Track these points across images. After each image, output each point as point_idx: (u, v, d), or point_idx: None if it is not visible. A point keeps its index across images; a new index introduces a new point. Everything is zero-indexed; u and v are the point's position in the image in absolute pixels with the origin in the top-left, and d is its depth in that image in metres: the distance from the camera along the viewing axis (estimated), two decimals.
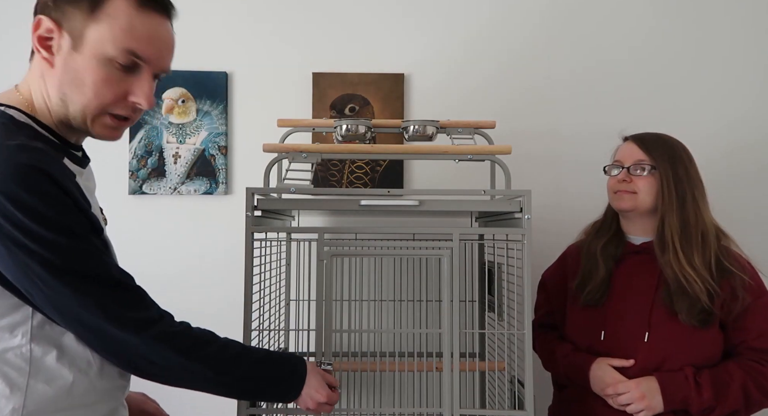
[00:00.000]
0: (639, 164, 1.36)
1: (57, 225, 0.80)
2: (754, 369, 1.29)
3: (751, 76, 1.90)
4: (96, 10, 0.83)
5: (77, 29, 0.83)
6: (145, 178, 1.86)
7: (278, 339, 1.62)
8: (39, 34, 0.84)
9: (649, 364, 1.31)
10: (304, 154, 1.30)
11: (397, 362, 1.37)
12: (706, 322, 1.28)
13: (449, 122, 1.52)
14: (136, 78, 0.88)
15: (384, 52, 1.90)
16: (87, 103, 0.86)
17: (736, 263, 1.32)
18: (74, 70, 0.84)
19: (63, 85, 0.85)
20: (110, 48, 0.84)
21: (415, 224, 1.83)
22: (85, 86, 0.85)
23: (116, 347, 0.87)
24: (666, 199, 1.33)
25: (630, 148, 1.39)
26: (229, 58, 1.89)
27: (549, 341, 1.49)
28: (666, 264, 1.31)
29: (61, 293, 0.81)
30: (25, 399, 0.84)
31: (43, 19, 0.83)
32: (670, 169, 1.34)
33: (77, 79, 0.84)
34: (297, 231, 1.73)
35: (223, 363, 0.95)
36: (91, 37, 0.83)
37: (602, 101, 1.90)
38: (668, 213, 1.32)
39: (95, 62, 0.84)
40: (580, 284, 1.42)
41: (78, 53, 0.84)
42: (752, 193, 1.89)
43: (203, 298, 1.86)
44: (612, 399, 1.31)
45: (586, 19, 1.91)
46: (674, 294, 1.30)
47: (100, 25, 0.83)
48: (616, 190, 1.38)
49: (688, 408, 1.27)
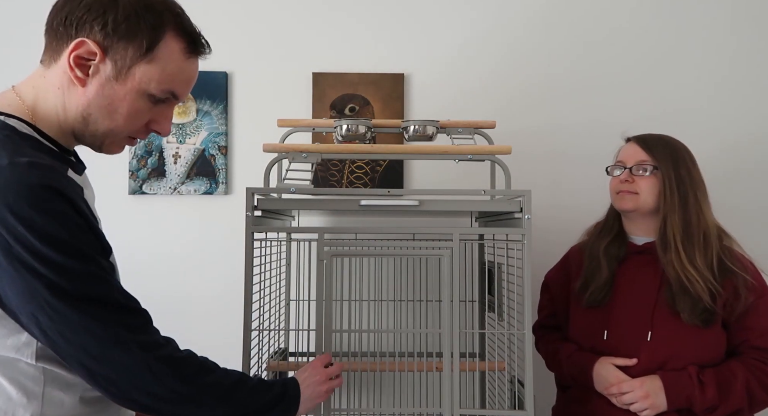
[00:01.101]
0: (641, 165, 1.36)
1: (68, 248, 0.79)
2: (758, 367, 1.29)
3: (752, 73, 1.90)
4: (149, 52, 0.86)
5: (124, 62, 0.86)
6: (145, 178, 1.86)
7: (278, 339, 1.62)
8: (77, 54, 0.85)
9: (652, 363, 1.31)
10: (304, 154, 1.30)
11: (397, 362, 1.37)
12: (709, 322, 1.29)
13: (449, 122, 1.52)
14: (162, 109, 0.93)
15: (384, 52, 1.90)
16: (115, 127, 0.89)
17: (738, 263, 1.32)
18: (110, 97, 0.87)
19: (92, 106, 0.87)
20: (154, 87, 0.88)
21: (415, 224, 1.83)
22: (118, 114, 0.88)
23: (118, 375, 0.84)
24: (668, 199, 1.33)
25: (632, 149, 1.40)
26: (229, 58, 1.89)
27: (552, 342, 1.49)
28: (668, 263, 1.32)
29: (68, 317, 0.80)
30: (42, 406, 0.84)
31: (88, 42, 0.84)
32: (672, 170, 1.34)
33: (112, 105, 0.87)
34: (297, 231, 1.73)
35: (224, 390, 0.94)
36: (139, 74, 0.87)
37: (602, 101, 1.90)
38: (670, 214, 1.33)
39: (135, 95, 0.88)
40: (583, 285, 1.42)
41: (119, 84, 0.86)
42: (752, 193, 1.89)
43: (203, 298, 1.86)
44: (616, 398, 1.32)
45: (586, 18, 1.91)
46: (676, 293, 1.30)
47: (151, 66, 0.87)
48: (618, 190, 1.39)
49: (692, 407, 1.27)
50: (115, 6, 0.84)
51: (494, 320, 1.49)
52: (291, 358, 1.68)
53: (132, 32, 0.85)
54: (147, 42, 0.86)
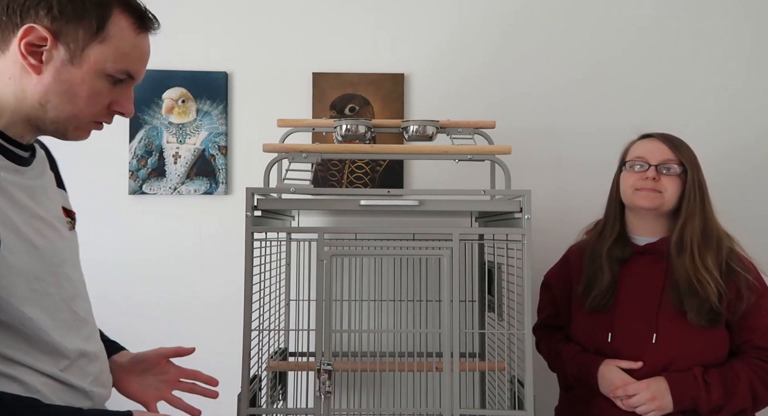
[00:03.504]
0: (668, 163, 1.34)
1: None
2: (761, 367, 1.30)
3: (752, 75, 1.90)
4: (100, 31, 0.86)
5: (77, 45, 0.85)
6: (145, 178, 1.86)
7: (278, 339, 1.62)
8: (28, 41, 0.83)
9: (657, 365, 1.31)
10: (304, 154, 1.30)
11: (397, 362, 1.37)
12: (714, 322, 1.29)
13: (449, 122, 1.52)
14: (122, 89, 0.92)
15: (384, 52, 1.90)
16: (78, 112, 0.88)
17: (741, 264, 1.33)
18: (68, 81, 0.86)
19: (50, 93, 0.86)
20: (110, 66, 0.88)
21: (415, 224, 1.83)
22: (78, 98, 0.87)
23: None
24: (691, 202, 1.33)
25: (657, 146, 1.37)
26: (229, 58, 1.89)
27: (555, 342, 1.49)
28: (680, 265, 1.31)
29: None
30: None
31: (37, 27, 0.83)
32: (695, 173, 1.34)
33: (71, 90, 0.87)
34: (297, 231, 1.73)
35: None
36: (93, 55, 0.86)
37: (603, 101, 1.90)
38: (692, 217, 1.32)
39: (93, 76, 0.87)
40: (585, 289, 1.41)
41: (75, 67, 0.86)
42: (752, 194, 1.89)
43: (203, 298, 1.86)
44: (621, 401, 1.31)
45: (587, 18, 1.91)
46: (684, 294, 1.30)
47: (104, 46, 0.87)
48: (639, 187, 1.35)
49: (698, 407, 1.28)
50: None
51: (494, 320, 1.49)
52: (291, 358, 1.68)
53: (79, 13, 0.84)
54: (96, 21, 0.85)
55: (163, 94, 1.86)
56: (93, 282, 1.16)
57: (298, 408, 1.66)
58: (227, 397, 1.27)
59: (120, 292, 1.83)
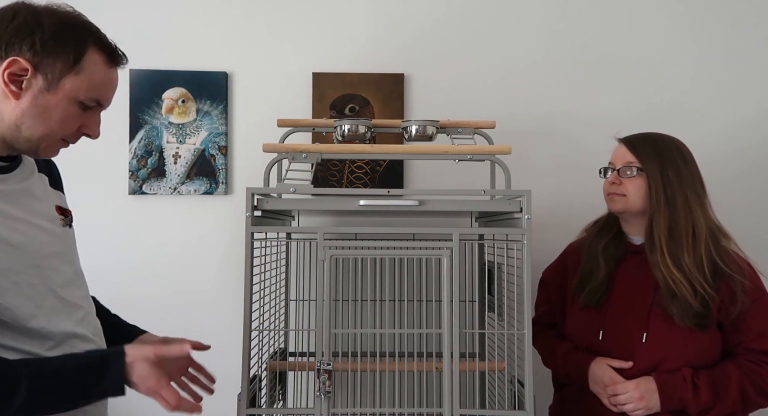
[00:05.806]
0: (628, 166, 1.36)
1: None
2: (752, 370, 1.29)
3: (754, 74, 1.90)
4: (76, 64, 0.97)
5: (54, 75, 0.96)
6: (145, 178, 1.86)
7: (278, 339, 1.62)
8: (11, 72, 0.94)
9: (647, 365, 1.31)
10: (304, 154, 1.30)
11: (397, 362, 1.37)
12: (702, 325, 1.28)
13: (449, 122, 1.52)
14: (90, 115, 1.02)
15: (384, 52, 1.90)
16: (50, 132, 0.98)
17: (734, 265, 1.31)
18: (43, 106, 0.96)
19: (26, 116, 0.96)
20: (82, 95, 0.98)
21: (415, 224, 1.83)
22: (52, 120, 0.97)
23: None
24: (653, 200, 1.32)
25: (620, 150, 1.40)
26: (229, 58, 1.89)
27: (549, 339, 1.49)
28: (655, 265, 1.31)
29: None
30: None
31: (20, 60, 0.93)
32: (657, 170, 1.33)
33: (45, 114, 0.97)
34: (297, 231, 1.73)
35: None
36: (68, 84, 0.97)
37: (603, 101, 1.90)
38: (656, 215, 1.32)
39: (66, 103, 0.97)
40: (580, 283, 1.42)
41: (51, 94, 0.96)
42: (753, 193, 1.89)
43: (203, 298, 1.86)
44: (609, 399, 1.32)
45: (587, 18, 1.91)
46: (665, 296, 1.30)
47: (79, 77, 0.97)
48: (609, 191, 1.39)
49: (686, 408, 1.27)
50: (40, 27, 0.94)
51: (494, 320, 1.49)
52: (291, 358, 1.68)
53: (59, 48, 0.95)
54: (73, 56, 0.96)
55: (163, 94, 1.86)
56: (93, 282, 1.17)
57: (297, 408, 1.66)
58: (227, 397, 1.27)
59: (120, 292, 1.82)
